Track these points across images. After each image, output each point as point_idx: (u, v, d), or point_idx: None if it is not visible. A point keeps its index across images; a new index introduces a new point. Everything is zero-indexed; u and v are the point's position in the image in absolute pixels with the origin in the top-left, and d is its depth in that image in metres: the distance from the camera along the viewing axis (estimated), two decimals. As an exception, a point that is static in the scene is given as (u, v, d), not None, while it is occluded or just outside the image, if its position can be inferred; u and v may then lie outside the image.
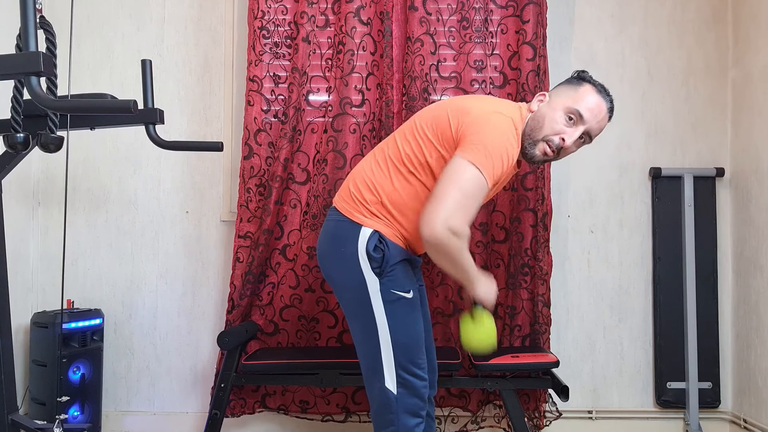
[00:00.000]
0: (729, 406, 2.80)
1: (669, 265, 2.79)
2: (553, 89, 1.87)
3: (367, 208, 1.78)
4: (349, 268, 1.76)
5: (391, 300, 1.75)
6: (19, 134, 1.75)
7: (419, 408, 1.79)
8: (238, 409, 2.67)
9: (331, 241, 1.82)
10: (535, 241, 2.62)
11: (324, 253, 1.85)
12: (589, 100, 1.78)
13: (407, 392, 1.77)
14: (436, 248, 1.63)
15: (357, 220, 1.77)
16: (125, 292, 2.86)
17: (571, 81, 1.84)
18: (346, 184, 1.87)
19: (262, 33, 2.69)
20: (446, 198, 1.61)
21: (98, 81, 2.88)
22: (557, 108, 1.78)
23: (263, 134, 2.69)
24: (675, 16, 2.85)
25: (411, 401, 1.77)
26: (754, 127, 2.67)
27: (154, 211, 2.87)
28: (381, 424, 1.78)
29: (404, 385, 1.76)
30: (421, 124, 1.81)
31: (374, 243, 1.74)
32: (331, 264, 1.83)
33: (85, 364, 2.59)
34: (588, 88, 1.79)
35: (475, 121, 1.70)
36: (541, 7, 2.64)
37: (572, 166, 2.84)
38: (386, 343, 1.75)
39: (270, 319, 2.67)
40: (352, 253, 1.75)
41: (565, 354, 2.81)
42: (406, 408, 1.77)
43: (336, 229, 1.82)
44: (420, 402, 1.79)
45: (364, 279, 1.74)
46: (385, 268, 1.74)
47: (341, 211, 1.82)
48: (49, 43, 1.66)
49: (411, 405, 1.77)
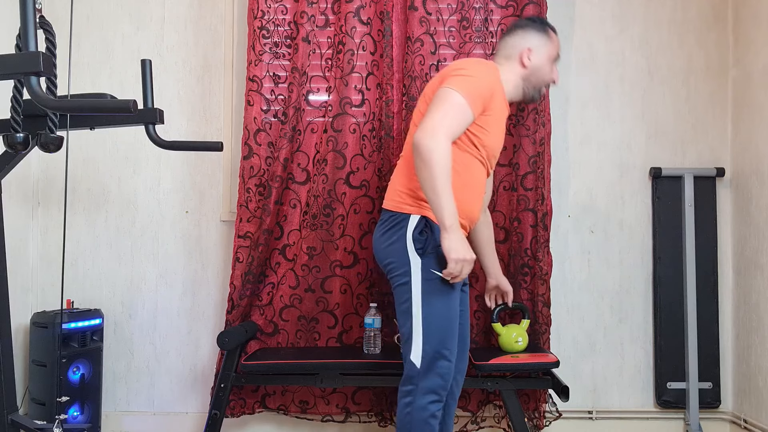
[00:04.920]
0: (729, 406, 2.80)
1: (669, 265, 2.79)
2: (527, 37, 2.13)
3: (411, 197, 1.97)
4: (399, 252, 1.93)
5: (429, 279, 1.89)
6: (18, 134, 1.75)
7: (439, 387, 1.89)
8: (238, 409, 2.67)
9: (384, 234, 2.00)
10: (535, 241, 2.62)
11: (378, 247, 2.02)
12: (557, 42, 2.18)
13: (430, 369, 1.88)
14: (418, 156, 1.81)
15: (406, 210, 1.96)
16: (125, 292, 2.86)
17: (539, 29, 2.14)
18: (390, 186, 2.06)
19: (261, 33, 2.69)
20: (430, 116, 1.85)
21: (98, 81, 2.88)
22: (545, 59, 2.13)
23: (263, 134, 2.69)
24: (675, 15, 2.85)
25: (432, 379, 1.89)
26: (754, 127, 2.67)
27: (154, 211, 2.87)
28: (402, 394, 1.91)
29: (428, 362, 1.88)
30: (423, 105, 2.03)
31: (421, 227, 1.92)
32: (384, 253, 1.99)
33: (84, 364, 2.59)
34: (552, 34, 2.16)
35: (455, 64, 1.99)
36: (541, 7, 2.64)
37: (572, 166, 2.84)
38: (417, 318, 1.89)
39: (270, 319, 2.66)
40: (400, 238, 1.93)
41: (565, 354, 2.81)
42: (425, 384, 1.88)
43: (389, 223, 1.99)
44: (441, 382, 1.89)
45: (409, 260, 1.91)
46: (427, 249, 1.90)
47: (390, 209, 2.00)
48: (49, 43, 1.66)
49: (431, 383, 1.89)
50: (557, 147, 2.81)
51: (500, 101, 2.03)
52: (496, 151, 2.09)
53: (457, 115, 1.87)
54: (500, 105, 2.03)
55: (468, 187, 2.00)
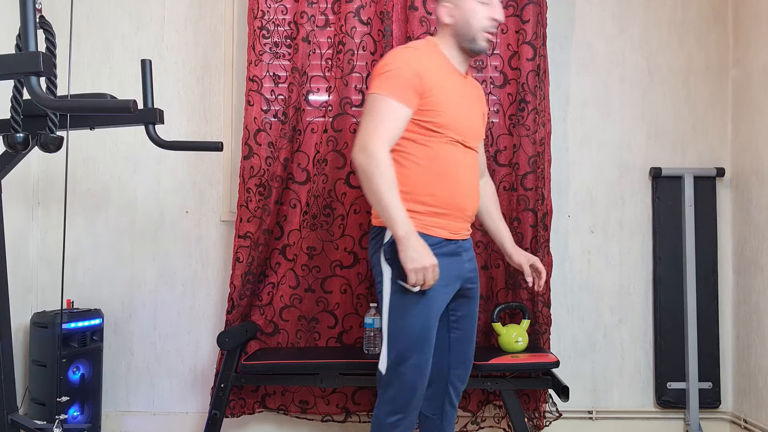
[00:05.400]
0: (729, 406, 2.80)
1: (669, 265, 2.79)
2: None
3: None
4: (376, 263, 1.90)
5: (395, 290, 1.84)
6: (18, 134, 1.75)
7: (400, 399, 1.83)
8: (238, 409, 2.67)
9: (369, 246, 1.97)
10: (535, 241, 2.62)
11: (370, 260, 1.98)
12: None
13: (391, 380, 1.84)
14: (359, 174, 1.79)
15: (381, 224, 1.89)
16: (125, 292, 2.86)
17: None
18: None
19: (262, 33, 2.69)
20: (361, 129, 1.82)
21: (98, 81, 2.88)
22: (469, 6, 1.92)
23: (263, 134, 2.69)
24: (675, 15, 2.85)
25: (391, 390, 1.84)
26: (754, 127, 2.67)
27: (154, 211, 2.87)
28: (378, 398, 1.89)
29: (391, 372, 1.84)
30: None
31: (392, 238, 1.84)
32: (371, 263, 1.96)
33: (84, 364, 2.59)
34: None
35: (380, 61, 1.91)
36: (541, 7, 2.64)
37: (572, 166, 2.84)
38: (385, 326, 1.86)
39: (270, 319, 2.66)
40: (377, 250, 1.90)
41: (565, 354, 2.81)
42: (385, 394, 1.85)
43: (371, 236, 1.95)
44: (403, 397, 1.83)
45: (382, 270, 1.87)
46: (395, 259, 1.81)
47: (374, 224, 1.94)
48: (49, 43, 1.66)
49: (390, 393, 1.84)
50: (557, 147, 2.81)
51: (438, 75, 1.89)
52: (464, 123, 1.93)
53: (386, 119, 1.81)
54: (441, 78, 1.89)
55: (443, 177, 1.88)
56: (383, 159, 1.77)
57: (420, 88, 1.84)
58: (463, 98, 1.95)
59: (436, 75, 1.88)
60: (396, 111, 1.82)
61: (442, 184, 1.88)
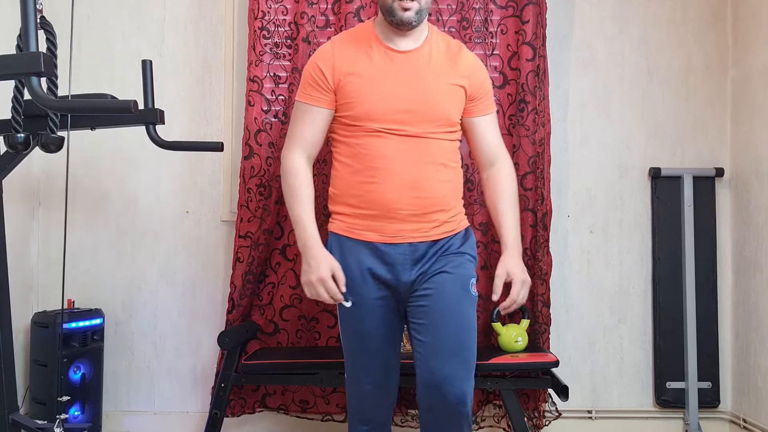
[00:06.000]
0: (728, 405, 2.80)
1: (669, 265, 2.79)
2: None
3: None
4: None
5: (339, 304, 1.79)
6: (19, 134, 1.76)
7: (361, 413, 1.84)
8: (238, 408, 2.68)
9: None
10: (535, 241, 2.62)
11: None
12: None
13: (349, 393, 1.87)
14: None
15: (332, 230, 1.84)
16: (125, 292, 2.86)
17: None
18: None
19: (262, 33, 2.70)
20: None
21: (98, 81, 2.88)
22: None
23: (263, 134, 2.69)
24: (675, 15, 2.85)
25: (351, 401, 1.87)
26: (753, 127, 2.67)
27: (155, 211, 2.87)
28: None
29: (346, 384, 1.88)
30: None
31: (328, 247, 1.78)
32: None
33: (85, 363, 2.60)
34: None
35: None
36: (540, 8, 2.64)
37: (572, 167, 2.84)
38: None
39: (270, 319, 2.67)
40: None
41: (565, 354, 2.81)
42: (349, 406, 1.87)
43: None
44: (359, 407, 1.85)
45: None
46: None
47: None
48: (50, 43, 1.66)
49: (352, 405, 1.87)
50: (557, 147, 2.81)
51: (353, 62, 1.73)
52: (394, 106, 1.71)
53: (296, 124, 1.79)
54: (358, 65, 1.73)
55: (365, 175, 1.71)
56: (289, 167, 1.75)
57: (327, 84, 1.74)
58: (396, 79, 1.72)
59: (349, 63, 1.73)
60: (306, 114, 1.76)
61: (365, 184, 1.71)
